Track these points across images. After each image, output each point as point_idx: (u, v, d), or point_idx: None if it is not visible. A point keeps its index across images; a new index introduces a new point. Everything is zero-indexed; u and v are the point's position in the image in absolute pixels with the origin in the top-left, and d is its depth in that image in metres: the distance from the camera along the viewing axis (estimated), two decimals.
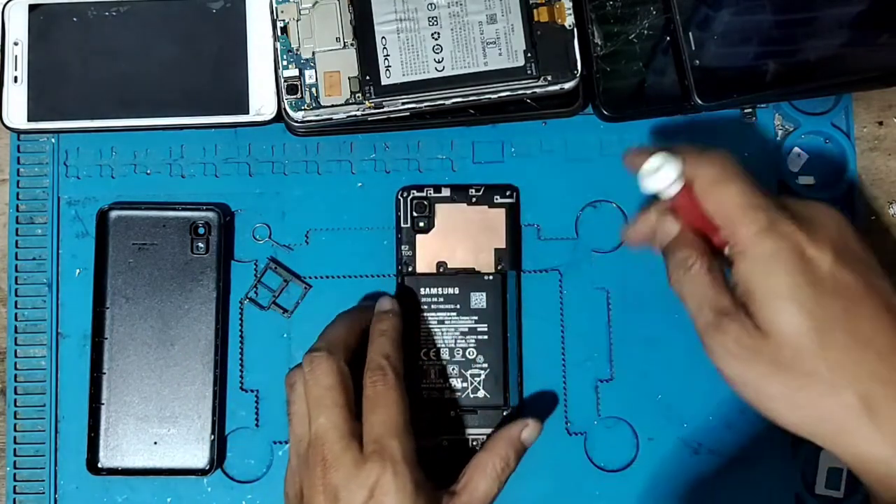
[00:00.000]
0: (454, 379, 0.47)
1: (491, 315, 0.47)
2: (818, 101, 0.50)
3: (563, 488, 0.48)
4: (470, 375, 0.47)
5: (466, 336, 0.47)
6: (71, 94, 0.48)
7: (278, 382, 0.45)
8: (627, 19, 0.48)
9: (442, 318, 0.47)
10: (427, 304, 0.47)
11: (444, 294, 0.47)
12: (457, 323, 0.47)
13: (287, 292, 0.49)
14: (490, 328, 0.47)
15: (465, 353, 0.47)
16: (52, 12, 0.48)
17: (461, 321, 0.47)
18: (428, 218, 0.47)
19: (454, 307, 0.47)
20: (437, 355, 0.47)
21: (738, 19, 0.47)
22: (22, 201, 0.49)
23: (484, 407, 0.47)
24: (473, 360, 0.47)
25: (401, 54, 0.46)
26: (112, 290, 0.48)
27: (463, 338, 0.47)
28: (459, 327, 0.47)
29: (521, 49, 0.46)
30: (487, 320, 0.47)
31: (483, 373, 0.47)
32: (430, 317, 0.47)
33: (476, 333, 0.47)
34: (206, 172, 0.50)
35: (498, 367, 0.47)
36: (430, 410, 0.46)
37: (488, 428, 0.46)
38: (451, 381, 0.47)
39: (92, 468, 0.47)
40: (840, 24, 0.47)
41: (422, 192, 0.47)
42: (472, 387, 0.47)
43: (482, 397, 0.47)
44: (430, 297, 0.47)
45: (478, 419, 0.46)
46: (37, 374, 0.49)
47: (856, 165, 0.50)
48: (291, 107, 0.46)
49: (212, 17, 0.48)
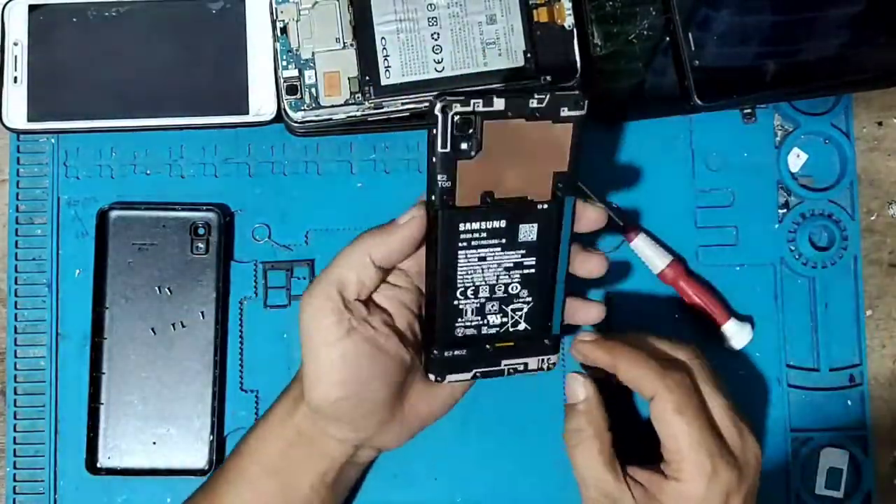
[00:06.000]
0: (493, 315, 0.41)
1: (541, 248, 0.40)
2: (818, 101, 0.50)
3: (562, 488, 0.48)
4: (511, 310, 0.41)
5: (511, 272, 0.41)
6: (71, 95, 0.48)
7: (278, 382, 0.45)
8: (627, 19, 0.48)
9: (484, 255, 0.40)
10: (467, 241, 0.39)
11: (488, 228, 0.39)
12: (500, 258, 0.40)
13: (296, 280, 0.49)
14: (538, 262, 0.41)
15: (507, 289, 0.41)
16: (52, 13, 0.48)
17: (506, 256, 0.40)
18: (473, 139, 0.37)
19: (499, 242, 0.40)
20: (476, 293, 0.41)
21: (737, 19, 0.47)
22: (22, 201, 0.49)
23: (524, 338, 0.42)
24: (516, 294, 0.41)
25: (400, 54, 0.46)
26: (112, 290, 0.48)
27: (506, 273, 0.41)
28: (504, 262, 0.40)
29: (520, 49, 0.46)
30: (536, 254, 0.40)
31: (526, 307, 0.41)
32: (470, 254, 0.40)
33: (522, 268, 0.41)
34: (205, 173, 0.50)
35: (543, 301, 0.41)
36: (463, 347, 0.41)
37: (527, 357, 0.42)
38: (488, 317, 0.41)
39: (91, 468, 0.47)
40: (840, 24, 0.47)
41: (467, 105, 0.37)
42: (513, 321, 0.42)
43: (522, 330, 0.42)
44: (471, 233, 0.39)
45: (515, 350, 0.42)
46: (37, 375, 0.49)
47: (855, 165, 0.50)
48: (291, 107, 0.46)
49: (212, 18, 0.48)
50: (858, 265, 0.50)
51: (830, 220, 0.50)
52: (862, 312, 0.50)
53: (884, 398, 0.50)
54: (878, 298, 0.51)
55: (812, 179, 0.50)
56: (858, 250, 0.50)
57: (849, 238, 0.50)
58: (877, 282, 0.51)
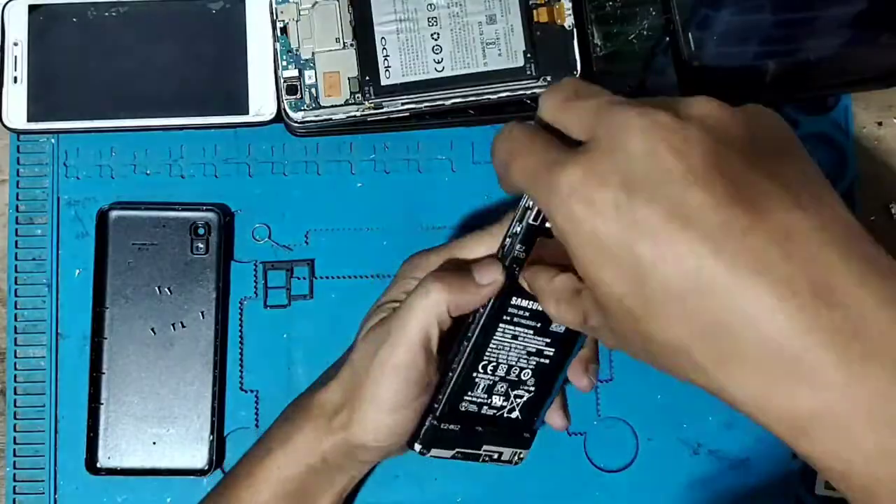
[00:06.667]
0: (497, 397, 0.41)
1: (563, 341, 0.41)
2: (818, 101, 0.50)
3: (562, 488, 0.48)
4: (514, 396, 0.41)
5: (530, 357, 0.41)
6: (71, 95, 0.48)
7: (278, 382, 0.45)
8: (627, 20, 0.48)
9: (517, 334, 0.40)
10: (511, 316, 0.39)
11: (533, 309, 0.39)
12: (529, 342, 0.40)
13: (296, 280, 0.49)
14: (556, 354, 0.41)
15: (521, 374, 0.41)
16: (52, 12, 0.48)
17: (534, 341, 0.40)
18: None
19: (535, 325, 0.40)
20: (494, 371, 0.40)
21: (737, 19, 0.47)
22: (22, 202, 0.49)
23: (511, 426, 0.42)
24: (525, 381, 0.41)
25: (400, 55, 0.46)
26: (112, 290, 0.48)
27: (527, 358, 0.41)
28: (529, 347, 0.40)
29: (520, 49, 0.46)
30: (557, 345, 0.41)
31: (527, 395, 0.41)
32: (508, 329, 0.39)
33: (541, 356, 0.41)
34: (205, 173, 0.50)
35: (543, 393, 0.42)
36: (459, 423, 0.40)
37: (504, 447, 0.42)
38: (493, 398, 0.41)
39: (91, 468, 0.47)
40: (840, 24, 0.47)
41: None
42: (510, 407, 0.42)
43: (514, 418, 0.42)
44: (519, 309, 0.39)
45: (498, 437, 0.42)
46: (36, 375, 0.49)
47: (855, 165, 0.50)
48: (291, 107, 0.46)
49: (211, 18, 0.48)
50: None
51: None
52: None
53: None
54: None
55: None
56: None
57: None
58: None
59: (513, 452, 0.42)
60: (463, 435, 0.41)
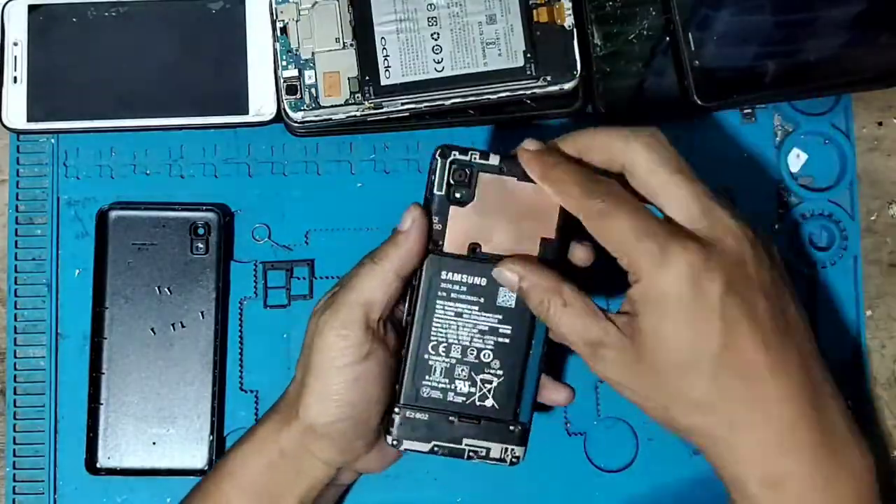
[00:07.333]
0: (461, 381, 0.40)
1: (518, 317, 0.40)
2: (818, 101, 0.50)
3: (562, 488, 0.48)
4: (480, 381, 0.40)
5: (485, 336, 0.40)
6: (71, 95, 0.48)
7: (278, 382, 0.45)
8: (627, 20, 0.48)
9: (461, 311, 0.40)
10: (446, 291, 0.40)
11: (470, 283, 0.40)
12: (477, 319, 0.40)
13: (296, 280, 0.49)
14: (514, 331, 0.40)
15: (479, 355, 0.40)
16: (52, 12, 0.48)
17: (482, 318, 0.40)
18: (468, 188, 0.39)
19: (477, 300, 0.40)
20: (447, 351, 0.40)
21: (737, 19, 0.47)
22: (22, 202, 0.49)
23: (489, 419, 0.41)
24: (488, 363, 0.40)
25: (400, 55, 0.46)
26: (111, 290, 0.48)
27: (480, 337, 0.40)
28: (479, 324, 0.40)
29: (520, 49, 0.46)
30: (513, 322, 0.40)
31: (496, 380, 0.40)
32: (448, 306, 0.40)
33: (496, 335, 0.40)
34: (205, 173, 0.50)
35: (514, 377, 0.40)
36: (426, 412, 0.40)
37: (490, 442, 0.41)
38: (456, 382, 0.40)
39: (91, 468, 0.47)
40: (840, 24, 0.47)
41: (465, 155, 0.39)
42: (481, 394, 0.40)
43: (489, 407, 0.40)
44: (452, 284, 0.40)
45: (480, 430, 0.40)
46: (36, 375, 0.49)
47: (855, 166, 0.50)
48: (291, 107, 0.46)
49: (211, 18, 0.48)
50: (858, 265, 0.50)
51: (830, 220, 0.50)
52: (862, 313, 0.50)
53: (884, 398, 0.50)
54: (877, 299, 0.51)
55: (812, 179, 0.50)
56: (858, 251, 0.50)
57: (849, 238, 0.50)
58: (876, 282, 0.51)
59: (503, 449, 0.41)
60: (435, 426, 0.40)
